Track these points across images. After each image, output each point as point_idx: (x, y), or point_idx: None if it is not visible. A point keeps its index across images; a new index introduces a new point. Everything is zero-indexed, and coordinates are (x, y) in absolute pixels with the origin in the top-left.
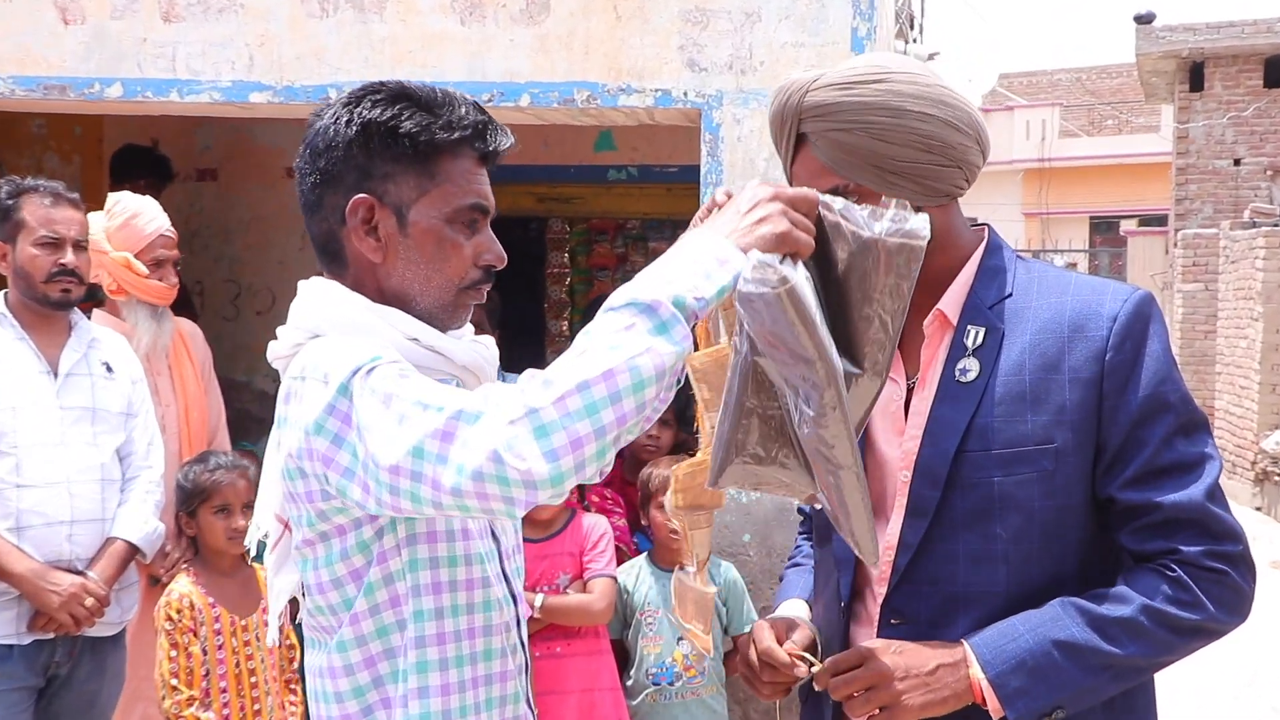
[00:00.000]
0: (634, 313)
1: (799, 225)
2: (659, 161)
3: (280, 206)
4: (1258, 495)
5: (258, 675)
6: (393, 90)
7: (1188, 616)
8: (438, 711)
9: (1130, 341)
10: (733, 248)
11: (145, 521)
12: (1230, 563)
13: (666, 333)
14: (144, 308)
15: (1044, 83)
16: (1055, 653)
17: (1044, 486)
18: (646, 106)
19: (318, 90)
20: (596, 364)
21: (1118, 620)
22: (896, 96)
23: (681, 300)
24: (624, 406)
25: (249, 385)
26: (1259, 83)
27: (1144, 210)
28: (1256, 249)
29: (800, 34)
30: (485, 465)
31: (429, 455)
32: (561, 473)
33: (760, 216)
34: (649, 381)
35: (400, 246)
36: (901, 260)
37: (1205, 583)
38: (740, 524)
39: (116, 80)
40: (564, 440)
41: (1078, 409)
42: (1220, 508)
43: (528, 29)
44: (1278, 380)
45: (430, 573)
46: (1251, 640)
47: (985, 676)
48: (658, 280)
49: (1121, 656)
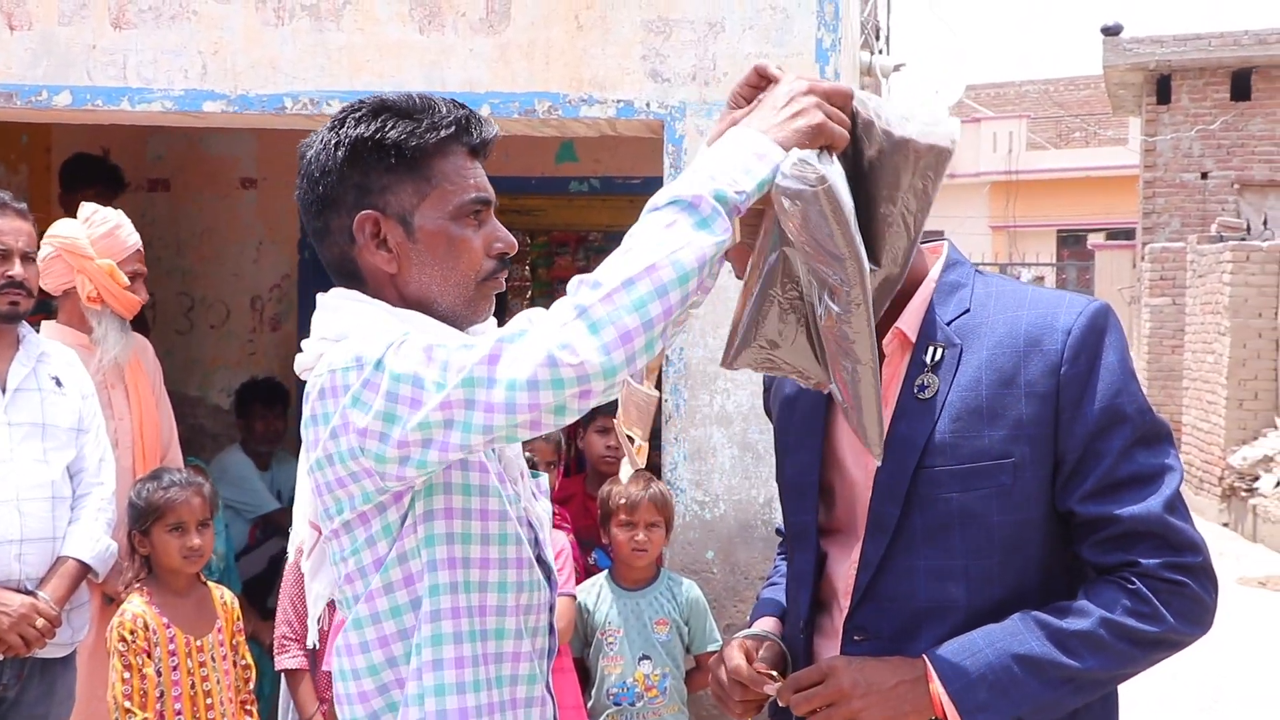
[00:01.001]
0: (676, 210)
1: (834, 118)
2: (621, 173)
3: (234, 218)
4: (1224, 511)
5: (213, 697)
6: (372, 105)
7: (1147, 629)
8: (452, 684)
9: (1085, 354)
10: (770, 142)
11: (97, 540)
12: (1190, 574)
13: (708, 227)
14: (115, 319)
15: (1011, 94)
16: (1015, 667)
17: (1002, 501)
18: (608, 117)
19: (273, 100)
20: (640, 260)
21: (1077, 633)
22: None
23: (723, 194)
24: (670, 299)
25: (203, 400)
26: (1226, 96)
27: (1111, 224)
28: (1224, 263)
29: (764, 44)
30: (539, 371)
31: (479, 381)
32: (614, 365)
33: (796, 110)
34: (691, 274)
35: (412, 253)
36: (930, 161)
37: (1165, 594)
38: (704, 540)
39: (65, 88)
40: (614, 334)
41: (1034, 423)
42: (1180, 519)
43: (488, 38)
44: (1245, 395)
45: (446, 548)
46: (1217, 655)
47: (946, 691)
48: (700, 176)
49: (1082, 670)
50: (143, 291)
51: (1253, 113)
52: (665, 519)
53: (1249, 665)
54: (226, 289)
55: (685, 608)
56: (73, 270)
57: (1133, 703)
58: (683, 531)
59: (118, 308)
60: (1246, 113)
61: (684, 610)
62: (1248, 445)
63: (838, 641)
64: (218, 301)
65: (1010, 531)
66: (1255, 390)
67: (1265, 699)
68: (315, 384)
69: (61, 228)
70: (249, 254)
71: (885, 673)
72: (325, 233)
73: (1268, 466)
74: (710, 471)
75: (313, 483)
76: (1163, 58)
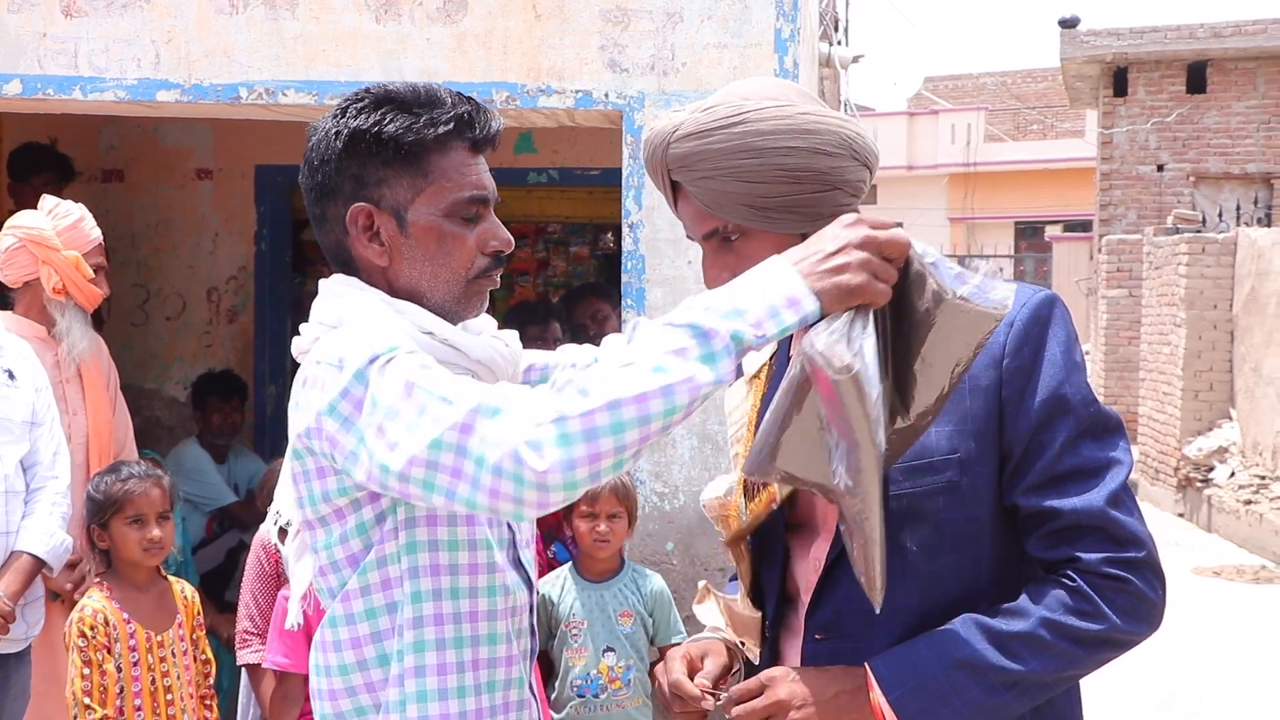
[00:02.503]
0: (690, 335)
1: (880, 275)
2: (580, 164)
3: (189, 209)
4: (1180, 501)
5: (174, 692)
6: (376, 95)
7: (1090, 627)
8: (434, 690)
9: (1028, 346)
10: (806, 290)
11: (51, 534)
12: (1133, 569)
13: (713, 362)
14: (78, 312)
15: (969, 87)
16: (957, 673)
17: (950, 497)
18: (567, 108)
19: (227, 89)
20: (635, 383)
21: (1018, 635)
22: (756, 136)
23: (740, 336)
24: (650, 428)
25: (158, 392)
26: (1182, 89)
27: (1069, 215)
28: (1179, 255)
29: (723, 35)
30: (504, 461)
31: (447, 446)
32: (576, 481)
33: (842, 263)
34: (680, 409)
35: (403, 247)
36: (976, 326)
37: (1107, 592)
38: (663, 532)
39: (15, 76)
40: (584, 453)
41: (979, 418)
42: (1124, 512)
43: (445, 27)
44: (1200, 386)
45: (429, 555)
46: (1172, 646)
47: (887, 700)
48: (725, 306)
49: (1025, 673)
50: (105, 284)
51: (1208, 105)
52: (628, 509)
53: (1204, 656)
54: (182, 281)
55: (649, 600)
56: (37, 261)
57: (1087, 695)
58: (643, 523)
59: (82, 300)
60: (1202, 105)
61: (648, 602)
62: (1203, 436)
63: (799, 639)
64: (173, 294)
65: (960, 529)
66: (1210, 381)
67: (1221, 690)
68: (302, 372)
69: (26, 219)
70: (205, 246)
71: (825, 683)
72: (322, 220)
73: (1222, 457)
74: (669, 463)
75: (290, 470)
76: (1119, 50)
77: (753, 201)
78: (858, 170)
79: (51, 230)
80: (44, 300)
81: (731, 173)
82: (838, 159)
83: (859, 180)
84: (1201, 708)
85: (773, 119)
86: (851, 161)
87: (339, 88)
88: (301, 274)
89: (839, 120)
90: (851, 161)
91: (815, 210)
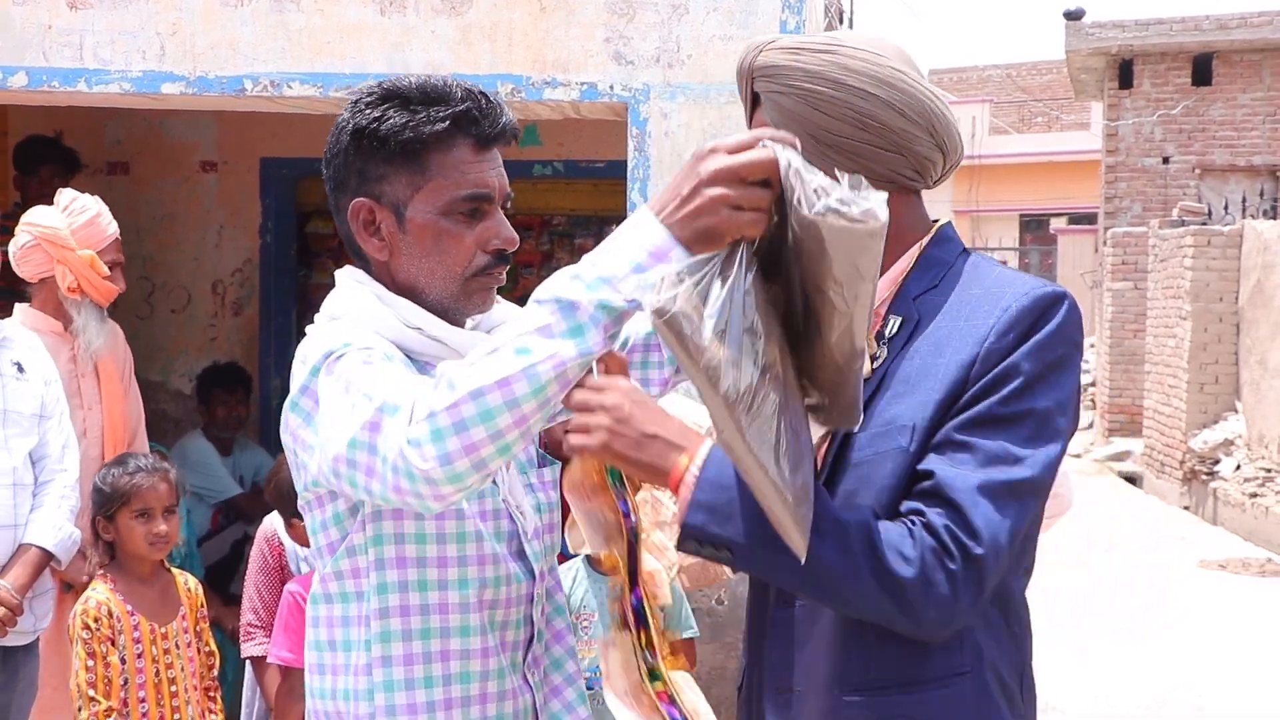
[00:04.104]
0: (553, 310)
1: (746, 204)
2: (585, 156)
3: (194, 202)
4: (1185, 494)
5: (178, 684)
6: (381, 91)
7: (890, 568)
8: (400, 680)
9: (1014, 333)
10: (670, 239)
11: (60, 527)
12: (965, 558)
13: (579, 335)
14: (94, 309)
15: (974, 79)
16: (763, 512)
17: (897, 463)
18: (572, 100)
19: (232, 81)
20: (497, 369)
21: (837, 520)
22: (839, 69)
23: (608, 304)
24: (522, 409)
25: (164, 385)
26: (1187, 80)
27: (1074, 208)
28: (1185, 248)
29: (729, 27)
30: (397, 460)
31: (360, 445)
32: (458, 473)
33: (696, 206)
34: (547, 385)
35: (402, 244)
36: (848, 244)
37: (931, 554)
38: None
39: (21, 69)
40: (458, 445)
41: (944, 388)
42: (995, 509)
43: (450, 20)
44: (1205, 379)
45: (396, 547)
46: (1177, 638)
47: (694, 473)
48: (591, 274)
49: (813, 554)
50: (121, 280)
51: (1214, 97)
52: None
53: (1209, 649)
54: (187, 274)
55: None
56: (52, 260)
57: (1091, 686)
58: None
59: (97, 297)
60: (1208, 97)
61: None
62: (1208, 429)
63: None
64: (179, 286)
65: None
66: (1216, 374)
67: (1226, 683)
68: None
69: (41, 216)
70: (210, 238)
71: (656, 423)
72: (337, 210)
73: (1228, 450)
74: None
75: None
76: (1125, 42)
77: (816, 133)
78: (929, 148)
79: (66, 229)
80: (59, 297)
81: (805, 95)
82: (911, 125)
83: (927, 158)
84: (1206, 701)
85: (863, 60)
86: (926, 135)
87: (344, 80)
88: (306, 267)
89: (930, 93)
90: (926, 135)
91: (872, 167)
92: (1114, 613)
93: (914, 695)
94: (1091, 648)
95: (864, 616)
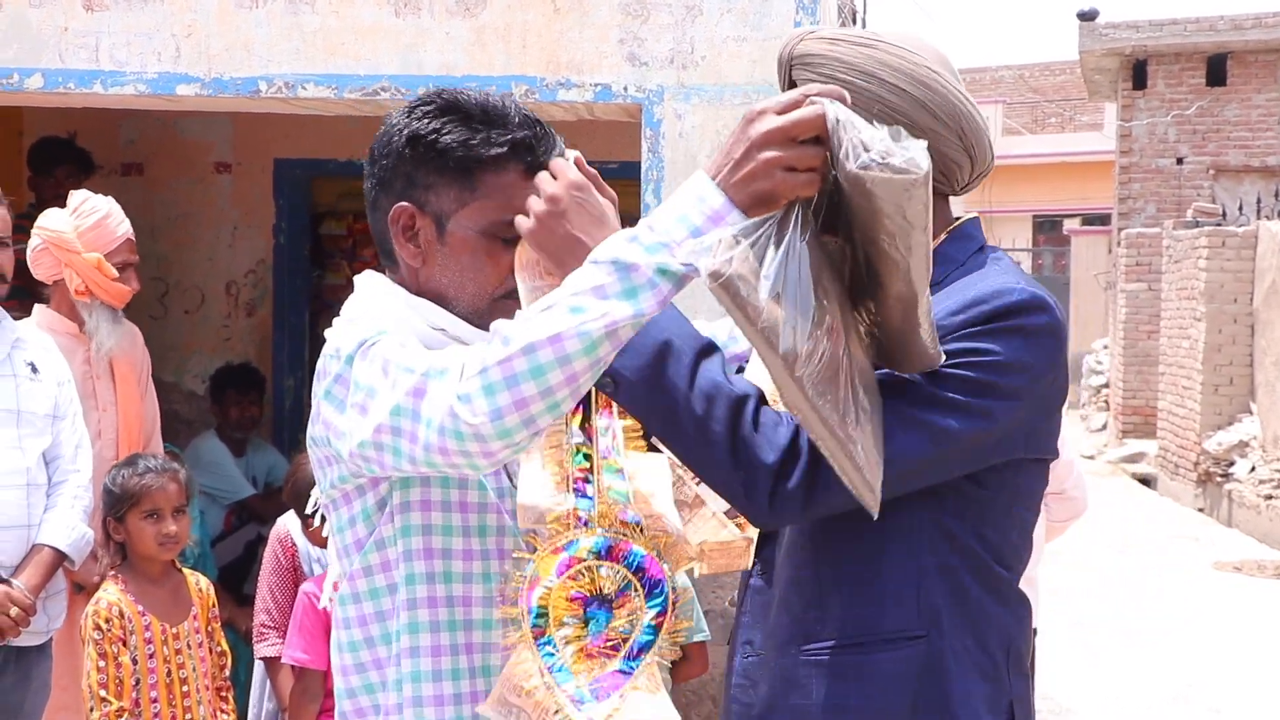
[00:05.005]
0: (609, 271)
1: (799, 165)
2: (599, 158)
3: (208, 203)
4: (1200, 496)
5: (189, 684)
6: (445, 101)
7: (712, 426)
8: (428, 671)
9: (981, 331)
10: (728, 204)
11: (73, 528)
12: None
13: (633, 297)
14: (106, 310)
15: (987, 80)
16: (653, 335)
17: None
18: (586, 101)
19: (247, 83)
20: (551, 325)
21: (712, 383)
22: (875, 63)
23: (667, 268)
24: (573, 367)
25: (177, 386)
26: (1201, 81)
27: (1087, 209)
28: (1199, 249)
29: (742, 28)
30: (445, 419)
31: (405, 411)
32: (508, 428)
33: (749, 171)
34: (599, 344)
35: (438, 254)
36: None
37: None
38: None
39: (37, 70)
40: (508, 400)
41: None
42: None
43: (464, 21)
44: (1220, 381)
45: (423, 539)
46: (1191, 640)
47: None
48: (650, 238)
49: (683, 396)
50: (134, 281)
51: (1228, 98)
52: None
53: (1224, 650)
54: (201, 274)
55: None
56: (60, 263)
57: (1105, 684)
58: None
59: (107, 299)
60: (1222, 98)
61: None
62: (1223, 430)
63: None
64: (192, 287)
65: None
66: (1230, 375)
67: (1240, 684)
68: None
69: (50, 220)
70: (224, 239)
71: (586, 228)
72: (374, 207)
73: (1242, 452)
74: None
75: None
76: (1138, 43)
77: None
78: (957, 151)
79: (73, 231)
80: (72, 300)
81: (840, 85)
82: (940, 126)
83: (955, 162)
84: (1220, 702)
85: (900, 56)
86: (955, 138)
87: (358, 81)
88: (320, 267)
89: (963, 98)
90: (955, 138)
91: None
92: (1127, 614)
93: (863, 656)
94: (1105, 649)
95: (714, 489)
